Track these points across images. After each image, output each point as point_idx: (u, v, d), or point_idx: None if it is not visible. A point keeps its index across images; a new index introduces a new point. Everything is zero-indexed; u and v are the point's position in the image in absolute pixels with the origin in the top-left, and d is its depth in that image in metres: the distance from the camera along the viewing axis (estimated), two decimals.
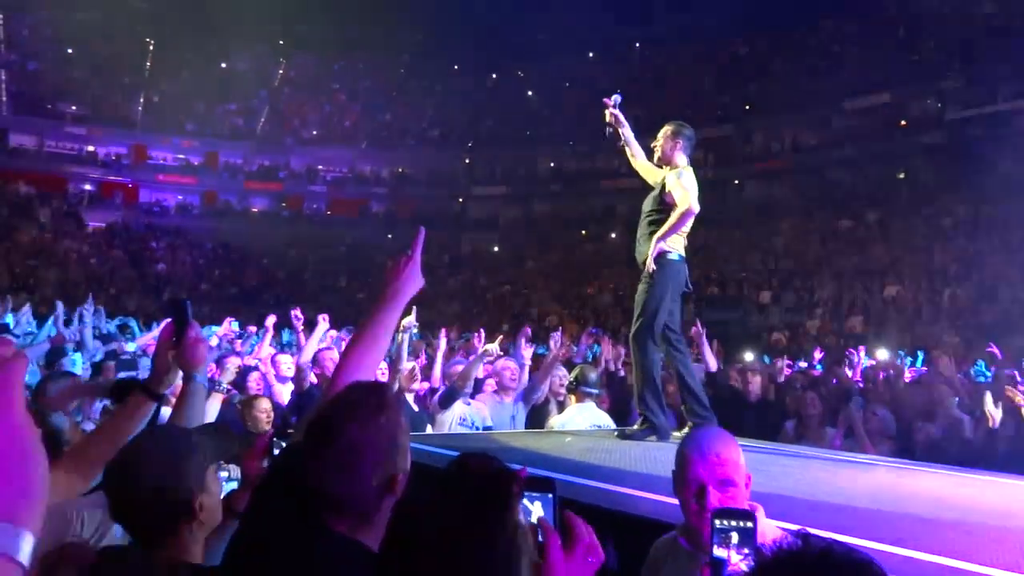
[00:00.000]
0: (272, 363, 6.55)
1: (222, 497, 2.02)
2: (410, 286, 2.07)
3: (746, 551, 1.56)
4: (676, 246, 4.79)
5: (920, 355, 11.24)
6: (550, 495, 1.48)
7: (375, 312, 2.05)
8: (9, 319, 9.32)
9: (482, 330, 7.58)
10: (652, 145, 4.99)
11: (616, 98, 5.07)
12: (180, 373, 2.31)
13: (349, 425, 1.55)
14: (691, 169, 4.87)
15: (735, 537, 1.58)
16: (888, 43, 30.40)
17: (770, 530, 1.94)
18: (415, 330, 6.82)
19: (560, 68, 39.15)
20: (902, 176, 29.31)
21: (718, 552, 1.57)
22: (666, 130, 4.94)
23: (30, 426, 0.75)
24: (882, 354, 12.07)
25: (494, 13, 36.09)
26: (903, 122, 29.39)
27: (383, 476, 1.55)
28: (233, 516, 2.00)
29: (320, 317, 6.43)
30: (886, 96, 29.46)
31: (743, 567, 1.52)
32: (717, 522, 1.59)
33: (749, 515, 1.61)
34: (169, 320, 2.35)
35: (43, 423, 2.88)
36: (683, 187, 4.72)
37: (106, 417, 3.67)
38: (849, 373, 8.07)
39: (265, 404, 5.05)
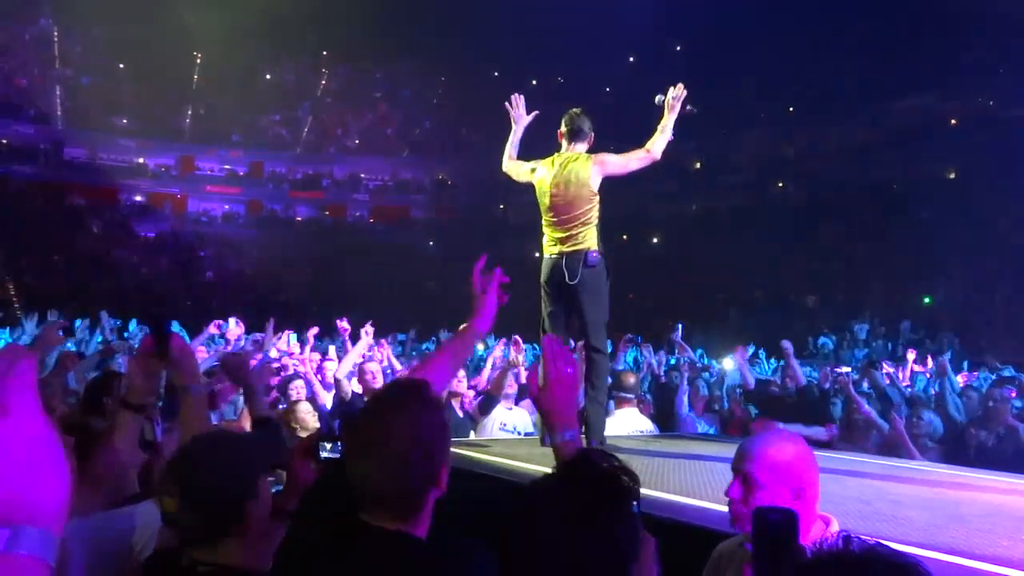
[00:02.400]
0: (318, 370, 6.61)
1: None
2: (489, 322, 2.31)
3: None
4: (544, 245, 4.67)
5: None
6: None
7: (461, 338, 2.28)
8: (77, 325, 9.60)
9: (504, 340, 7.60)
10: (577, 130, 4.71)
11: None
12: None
13: (393, 422, 1.56)
14: (546, 159, 4.72)
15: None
16: (937, 40, 29.74)
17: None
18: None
19: (600, 73, 39.06)
20: (953, 176, 28.62)
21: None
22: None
23: (52, 428, 0.75)
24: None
25: (533, 19, 36.17)
26: (953, 121, 28.71)
27: (428, 470, 1.56)
28: (280, 518, 2.03)
29: (363, 330, 6.40)
30: (935, 95, 28.82)
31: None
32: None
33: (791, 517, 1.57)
34: (153, 336, 2.32)
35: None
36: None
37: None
38: (900, 376, 7.90)
39: (307, 406, 5.12)
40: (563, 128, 4.69)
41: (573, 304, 4.49)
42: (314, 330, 7.88)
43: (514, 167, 4.83)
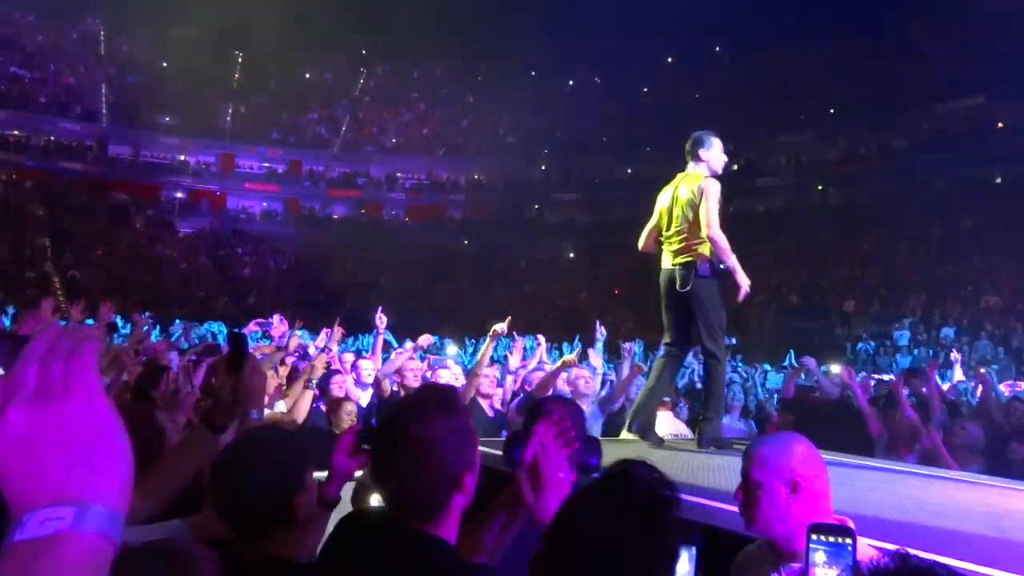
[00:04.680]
0: (353, 368, 6.62)
1: None
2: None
3: (842, 570, 1.48)
4: None
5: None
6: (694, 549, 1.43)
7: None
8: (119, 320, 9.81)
9: (542, 337, 7.59)
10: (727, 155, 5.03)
11: None
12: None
13: (413, 422, 1.59)
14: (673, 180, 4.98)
15: (830, 554, 1.50)
16: (982, 41, 29.10)
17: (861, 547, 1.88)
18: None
19: (637, 73, 38.84)
20: (999, 180, 28.00)
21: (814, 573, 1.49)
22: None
23: (113, 408, 0.76)
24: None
25: (571, 19, 36.10)
26: (1000, 124, 28.09)
27: (447, 473, 1.57)
28: (324, 509, 2.08)
29: (410, 344, 6.34)
30: (981, 97, 28.21)
31: None
32: (813, 537, 1.52)
33: (848, 532, 1.53)
34: (228, 353, 2.34)
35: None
36: None
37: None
38: (945, 386, 7.72)
39: (351, 407, 5.19)
40: (687, 149, 4.96)
41: (689, 312, 4.79)
42: (340, 331, 7.78)
43: (644, 239, 5.12)
